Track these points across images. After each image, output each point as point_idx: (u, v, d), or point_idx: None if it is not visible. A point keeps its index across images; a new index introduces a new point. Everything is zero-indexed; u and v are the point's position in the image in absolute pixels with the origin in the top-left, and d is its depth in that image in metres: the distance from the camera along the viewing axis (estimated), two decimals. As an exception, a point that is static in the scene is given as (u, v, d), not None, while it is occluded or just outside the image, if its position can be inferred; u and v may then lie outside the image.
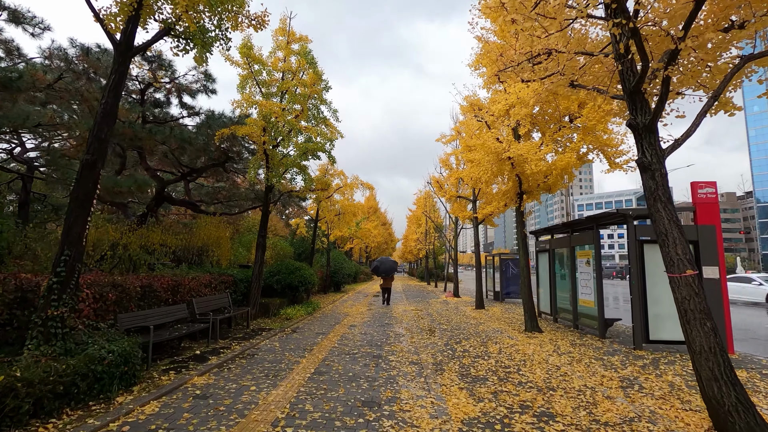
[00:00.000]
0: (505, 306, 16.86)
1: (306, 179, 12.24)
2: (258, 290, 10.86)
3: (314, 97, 12.44)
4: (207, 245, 12.43)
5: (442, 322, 11.86)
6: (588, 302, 9.99)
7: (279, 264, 13.50)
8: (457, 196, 17.76)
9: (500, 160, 9.92)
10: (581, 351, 7.76)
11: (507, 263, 19.50)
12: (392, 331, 9.98)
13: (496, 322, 11.93)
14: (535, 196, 10.89)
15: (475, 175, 11.29)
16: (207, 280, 9.00)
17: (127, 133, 8.54)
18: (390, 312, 14.25)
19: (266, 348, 7.61)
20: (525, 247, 10.77)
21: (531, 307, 10.33)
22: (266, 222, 11.33)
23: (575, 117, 10.17)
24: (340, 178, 17.14)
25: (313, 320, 11.70)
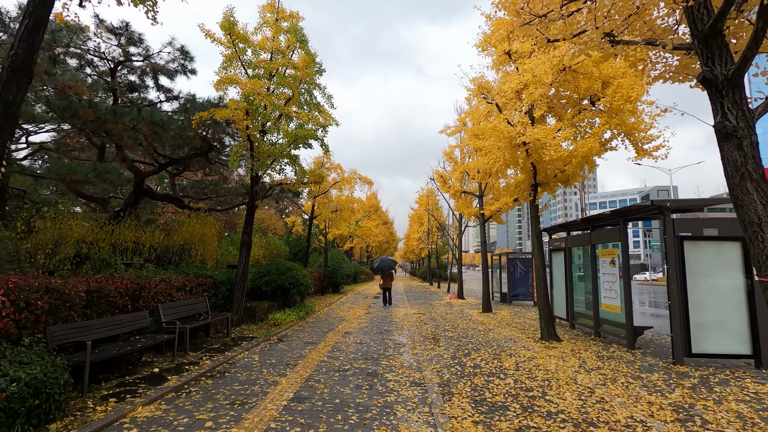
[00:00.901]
0: (514, 309, 15.70)
1: (298, 171, 11.11)
2: (242, 293, 9.75)
3: (306, 81, 11.33)
4: (190, 244, 11.33)
5: (448, 328, 10.72)
6: (612, 307, 8.83)
7: (269, 264, 12.39)
8: (462, 192, 16.60)
9: (513, 147, 8.77)
10: (612, 366, 6.61)
11: (515, 263, 18.34)
12: (392, 340, 8.84)
13: (506, 328, 10.78)
14: (551, 188, 9.74)
15: (484, 165, 10.15)
16: (180, 282, 7.89)
17: (87, 114, 7.44)
18: (390, 316, 13.11)
19: (242, 363, 6.48)
20: (540, 245, 9.62)
21: (548, 312, 9.18)
22: (252, 217, 10.22)
23: (597, 99, 9.01)
24: (337, 172, 16.03)
25: (304, 326, 10.58)
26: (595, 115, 9.10)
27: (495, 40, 10.31)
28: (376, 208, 49.55)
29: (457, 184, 16.69)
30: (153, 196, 12.79)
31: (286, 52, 10.38)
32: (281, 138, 10.11)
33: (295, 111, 9.85)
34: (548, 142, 8.00)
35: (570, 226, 11.09)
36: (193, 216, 12.04)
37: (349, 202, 16.22)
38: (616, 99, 8.19)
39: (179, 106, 9.60)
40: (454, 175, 16.30)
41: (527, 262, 18.30)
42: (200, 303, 8.22)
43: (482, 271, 15.37)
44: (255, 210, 10.24)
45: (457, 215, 21.91)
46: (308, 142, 10.35)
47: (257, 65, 10.19)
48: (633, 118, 8.34)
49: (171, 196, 13.27)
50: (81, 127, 8.23)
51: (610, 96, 8.31)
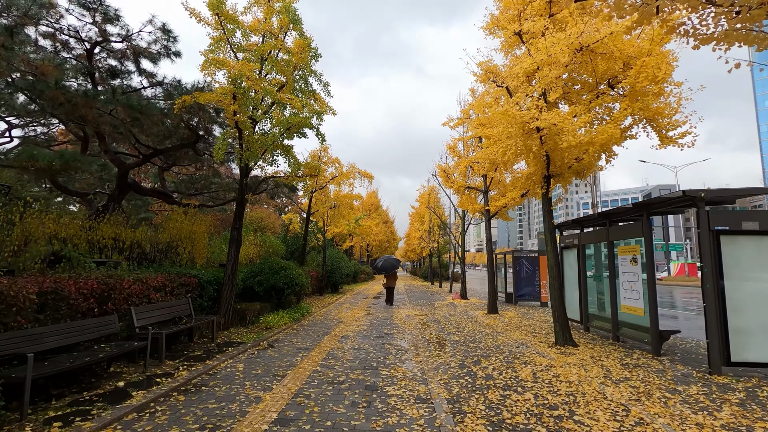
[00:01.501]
0: (521, 310, 14.94)
1: (292, 163, 10.35)
2: (231, 294, 9.00)
3: (301, 68, 10.57)
4: (176, 241, 10.59)
5: (453, 331, 9.97)
6: (634, 309, 8.08)
7: (261, 263, 11.64)
8: (466, 187, 15.84)
9: (525, 134, 8.02)
10: (641, 377, 5.85)
11: (521, 262, 17.58)
12: (393, 345, 8.09)
13: (516, 331, 10.03)
14: (565, 179, 8.98)
15: (491, 155, 9.38)
16: (159, 282, 7.14)
17: (56, 97, 6.70)
18: (391, 318, 12.37)
19: (224, 374, 5.73)
20: (553, 241, 8.86)
21: (563, 315, 8.42)
22: (242, 212, 9.47)
23: (617, 82, 8.25)
24: (335, 166, 15.26)
25: (298, 330, 9.83)
26: (614, 100, 8.34)
27: (504, 21, 9.54)
28: (376, 206, 48.82)
29: (460, 179, 15.93)
30: (139, 190, 12.04)
31: (278, 34, 9.62)
32: (273, 127, 9.34)
33: (288, 97, 9.09)
34: (565, 127, 7.24)
35: (584, 222, 10.33)
36: (181, 212, 11.31)
37: (348, 198, 15.47)
38: (639, 80, 7.42)
39: (162, 91, 8.84)
40: (458, 169, 15.54)
41: (533, 260, 17.54)
42: (182, 305, 7.48)
43: (488, 270, 14.62)
44: (245, 205, 9.50)
45: (460, 212, 21.16)
46: (302, 130, 9.60)
47: (247, 48, 9.44)
48: (660, 101, 7.58)
49: (159, 191, 12.52)
50: (52, 112, 7.48)
51: (633, 77, 7.54)
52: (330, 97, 11.00)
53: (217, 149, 7.93)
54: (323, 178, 15.25)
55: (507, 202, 14.14)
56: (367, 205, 46.50)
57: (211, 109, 10.31)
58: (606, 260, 9.98)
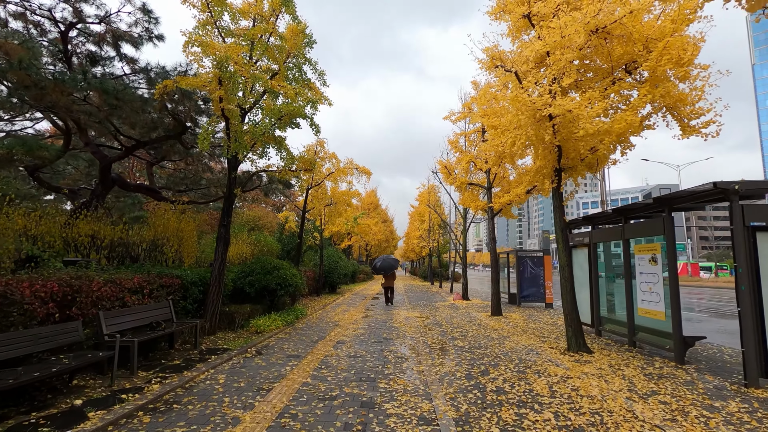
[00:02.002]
0: (525, 312, 14.31)
1: (285, 156, 9.72)
2: (217, 296, 8.35)
3: (294, 55, 9.94)
4: (162, 239, 9.96)
5: (456, 335, 9.33)
6: (653, 313, 7.45)
7: (253, 262, 10.99)
8: (469, 184, 15.20)
9: (537, 122, 7.38)
10: (670, 390, 5.23)
11: (524, 261, 16.96)
12: (392, 352, 7.46)
13: (523, 335, 9.40)
14: (578, 172, 8.36)
15: (498, 147, 8.76)
16: (135, 283, 6.49)
17: (21, 78, 6.05)
18: (390, 320, 11.73)
19: (202, 387, 5.09)
20: (565, 239, 8.23)
21: (576, 319, 7.79)
22: (230, 208, 8.82)
23: (636, 67, 7.62)
24: (332, 161, 14.61)
25: (291, 334, 9.19)
26: (632, 87, 7.70)
27: (512, 4, 8.91)
28: (375, 205, 48.21)
29: (462, 175, 15.30)
30: (124, 186, 11.39)
31: (269, 17, 8.97)
32: (264, 117, 8.69)
33: (280, 85, 8.45)
34: (582, 114, 6.61)
35: (596, 219, 9.70)
36: (168, 208, 10.68)
37: (345, 196, 14.82)
38: (662, 63, 6.78)
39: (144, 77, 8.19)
40: (460, 165, 14.91)
41: (538, 260, 16.93)
42: (162, 309, 6.83)
43: (491, 270, 13.99)
44: (234, 200, 8.85)
45: (462, 210, 20.54)
46: (295, 120, 8.96)
47: (237, 33, 8.78)
48: (685, 84, 6.95)
49: (146, 187, 11.88)
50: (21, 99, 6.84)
51: (654, 60, 6.90)
52: (326, 86, 10.37)
53: (201, 138, 7.28)
54: (319, 174, 14.61)
55: (511, 199, 13.51)
56: (366, 204, 45.88)
57: (199, 98, 9.68)
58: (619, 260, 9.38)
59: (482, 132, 14.76)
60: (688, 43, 6.61)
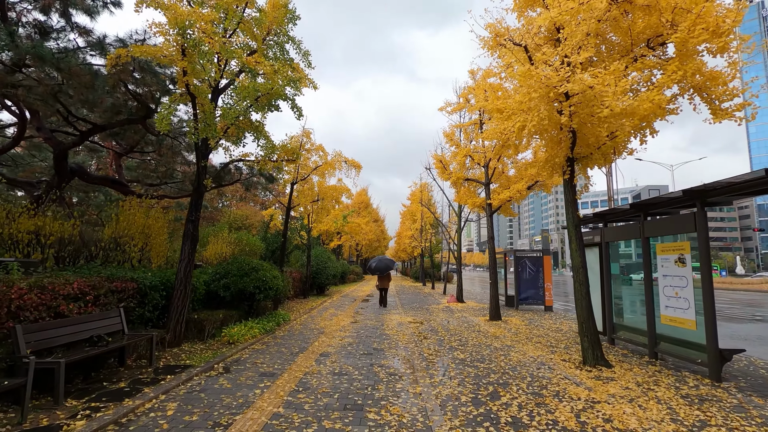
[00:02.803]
0: (525, 316, 13.41)
1: (265, 145, 8.66)
2: (183, 301, 7.26)
3: (275, 32, 8.90)
4: (124, 237, 8.83)
5: (455, 344, 8.36)
6: (681, 321, 6.56)
7: (228, 263, 9.89)
8: (465, 179, 14.27)
9: (551, 102, 6.44)
10: (721, 420, 4.30)
11: (523, 262, 16.08)
12: (383, 367, 6.44)
13: (529, 344, 8.46)
14: (593, 162, 7.45)
15: (503, 134, 7.79)
16: (75, 289, 5.38)
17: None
18: (381, 326, 10.71)
19: (141, 424, 4.01)
20: (579, 238, 7.29)
21: (592, 328, 6.87)
22: (199, 201, 7.73)
23: (661, 43, 6.74)
24: (319, 154, 13.54)
25: (269, 344, 8.12)
26: (656, 65, 6.79)
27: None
28: (366, 204, 47.19)
29: (459, 170, 14.35)
30: (85, 177, 10.21)
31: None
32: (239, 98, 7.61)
33: (256, 61, 7.38)
34: (605, 91, 5.67)
35: (609, 216, 8.81)
36: (134, 202, 9.55)
37: (332, 191, 13.76)
38: (695, 34, 5.87)
39: (98, 50, 7.06)
40: (456, 159, 13.96)
41: (537, 260, 16.07)
42: (110, 319, 5.73)
43: (490, 271, 13.08)
44: (204, 192, 7.75)
45: (456, 208, 19.62)
46: (275, 102, 7.90)
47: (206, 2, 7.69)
48: (718, 59, 6.07)
49: (110, 179, 10.71)
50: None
51: (686, 31, 5.99)
52: (311, 68, 9.34)
53: (160, 118, 6.18)
54: (306, 168, 13.54)
55: (512, 196, 12.62)
56: (357, 203, 44.83)
57: (166, 77, 8.57)
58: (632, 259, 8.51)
59: (480, 124, 13.84)
60: (729, 8, 5.72)
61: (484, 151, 13.43)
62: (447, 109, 14.41)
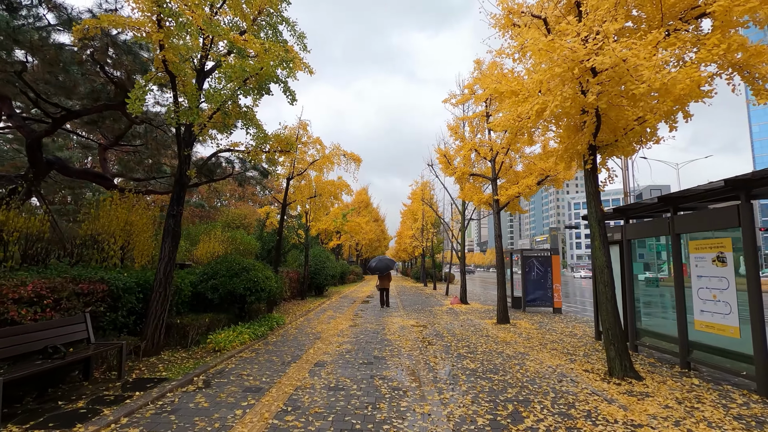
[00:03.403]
0: (534, 319, 12.68)
1: (256, 134, 7.94)
2: (162, 305, 6.53)
3: (266, 12, 8.17)
4: (104, 234, 8.12)
5: (463, 352, 7.63)
6: (721, 327, 5.82)
7: (217, 262, 9.16)
8: (471, 174, 13.54)
9: (575, 80, 5.70)
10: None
11: (531, 262, 15.34)
12: (385, 380, 5.71)
13: (544, 351, 7.73)
14: (618, 150, 6.70)
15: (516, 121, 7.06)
16: (29, 292, 4.65)
17: None
18: (382, 330, 9.98)
19: (93, 456, 3.29)
20: (603, 235, 6.56)
21: (620, 335, 6.13)
22: (182, 194, 7.00)
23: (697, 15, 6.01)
24: (316, 147, 12.80)
25: (259, 352, 7.39)
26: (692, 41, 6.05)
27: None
28: (366, 203, 46.49)
29: (463, 165, 13.61)
30: (63, 170, 9.48)
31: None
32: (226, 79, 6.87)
33: (244, 39, 6.65)
34: (643, 63, 4.95)
35: (630, 211, 8.08)
36: (116, 197, 8.83)
37: (331, 186, 13.00)
38: (740, 1, 5.16)
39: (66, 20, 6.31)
40: (461, 153, 13.22)
41: (545, 260, 15.33)
42: (73, 325, 5.00)
43: (497, 271, 12.34)
44: (187, 183, 7.01)
45: (459, 207, 18.89)
46: (265, 85, 7.17)
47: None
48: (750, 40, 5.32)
49: (93, 173, 9.98)
50: None
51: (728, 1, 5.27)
52: (306, 52, 8.60)
53: (133, 99, 5.45)
54: (303, 162, 12.81)
55: (520, 191, 11.90)
56: (357, 202, 44.13)
57: (148, 60, 7.84)
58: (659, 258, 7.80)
59: (486, 116, 13.10)
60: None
61: (491, 145, 12.71)
62: (451, 101, 13.69)
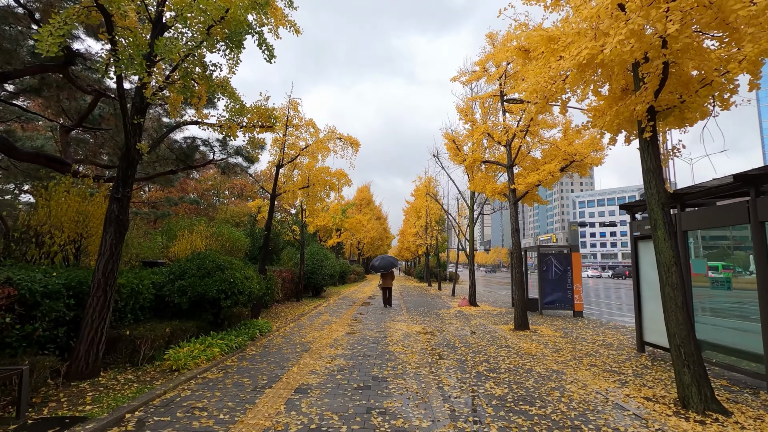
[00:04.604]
0: (554, 324, 11.20)
1: (231, 107, 6.51)
2: (102, 313, 5.09)
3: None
4: (46, 226, 6.71)
5: (482, 368, 6.16)
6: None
7: (188, 260, 7.71)
8: (483, 161, 12.06)
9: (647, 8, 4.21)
10: None
11: (548, 260, 13.85)
12: (387, 415, 4.24)
13: (581, 367, 6.26)
14: (681, 117, 5.22)
15: (550, 82, 5.60)
16: None
17: None
18: (384, 338, 8.52)
19: None
20: (668, 223, 5.05)
21: (695, 355, 4.64)
22: (129, 173, 5.56)
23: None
24: (309, 131, 11.30)
25: (230, 371, 5.95)
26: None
27: None
28: (368, 201, 45.06)
29: (475, 150, 12.12)
30: (9, 151, 8.07)
31: None
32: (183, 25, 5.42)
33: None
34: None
35: (689, 196, 6.56)
36: (68, 182, 7.44)
37: (323, 174, 11.50)
38: None
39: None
40: (472, 137, 11.72)
41: (564, 258, 13.84)
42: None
43: (514, 270, 10.84)
44: (136, 158, 5.56)
45: (468, 200, 17.40)
46: (235, 38, 5.70)
47: None
48: None
49: (44, 156, 8.57)
50: None
51: None
52: (292, 9, 7.13)
53: (45, 35, 4.01)
54: (294, 148, 11.35)
55: (541, 179, 10.41)
56: (359, 199, 42.73)
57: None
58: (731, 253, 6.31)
59: (501, 96, 11.60)
60: None
61: (506, 128, 11.21)
62: (461, 79, 12.22)
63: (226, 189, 34.92)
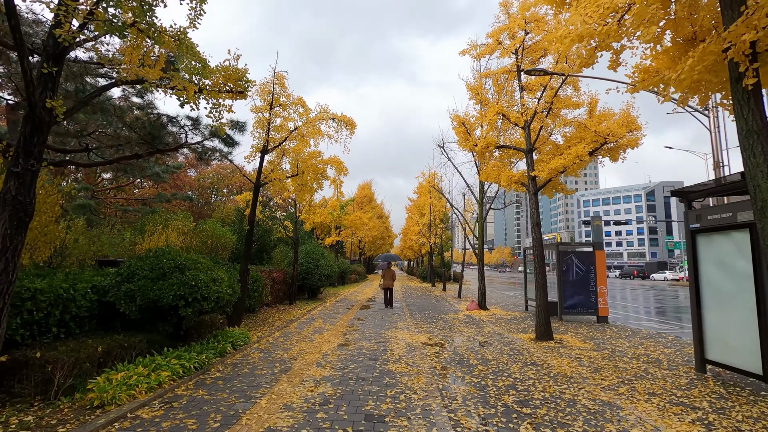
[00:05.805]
0: (580, 331, 9.70)
1: (189, 65, 5.09)
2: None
3: None
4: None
5: (510, 398, 4.69)
6: None
7: (139, 258, 6.26)
8: (497, 146, 10.56)
9: None
10: None
11: (569, 259, 12.34)
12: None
13: (638, 397, 4.77)
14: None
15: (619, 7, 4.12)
16: None
17: None
18: (383, 351, 7.05)
19: None
20: (782, 203, 3.56)
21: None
22: (35, 139, 4.11)
23: None
24: (298, 110, 9.79)
25: (175, 406, 4.49)
26: None
27: None
28: (370, 198, 43.61)
29: (489, 133, 10.62)
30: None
31: None
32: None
33: None
34: None
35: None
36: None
37: (314, 159, 10.00)
38: None
39: None
40: (485, 119, 10.21)
41: (587, 257, 12.34)
42: None
43: (535, 271, 9.34)
44: (43, 122, 4.12)
45: (477, 192, 15.89)
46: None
47: None
48: None
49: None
50: None
51: None
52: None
53: None
54: (282, 130, 9.87)
55: (567, 164, 8.94)
56: (360, 197, 41.34)
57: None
58: None
59: (518, 71, 10.09)
60: None
61: (524, 108, 9.70)
62: (472, 53, 10.71)
63: (224, 187, 33.56)
